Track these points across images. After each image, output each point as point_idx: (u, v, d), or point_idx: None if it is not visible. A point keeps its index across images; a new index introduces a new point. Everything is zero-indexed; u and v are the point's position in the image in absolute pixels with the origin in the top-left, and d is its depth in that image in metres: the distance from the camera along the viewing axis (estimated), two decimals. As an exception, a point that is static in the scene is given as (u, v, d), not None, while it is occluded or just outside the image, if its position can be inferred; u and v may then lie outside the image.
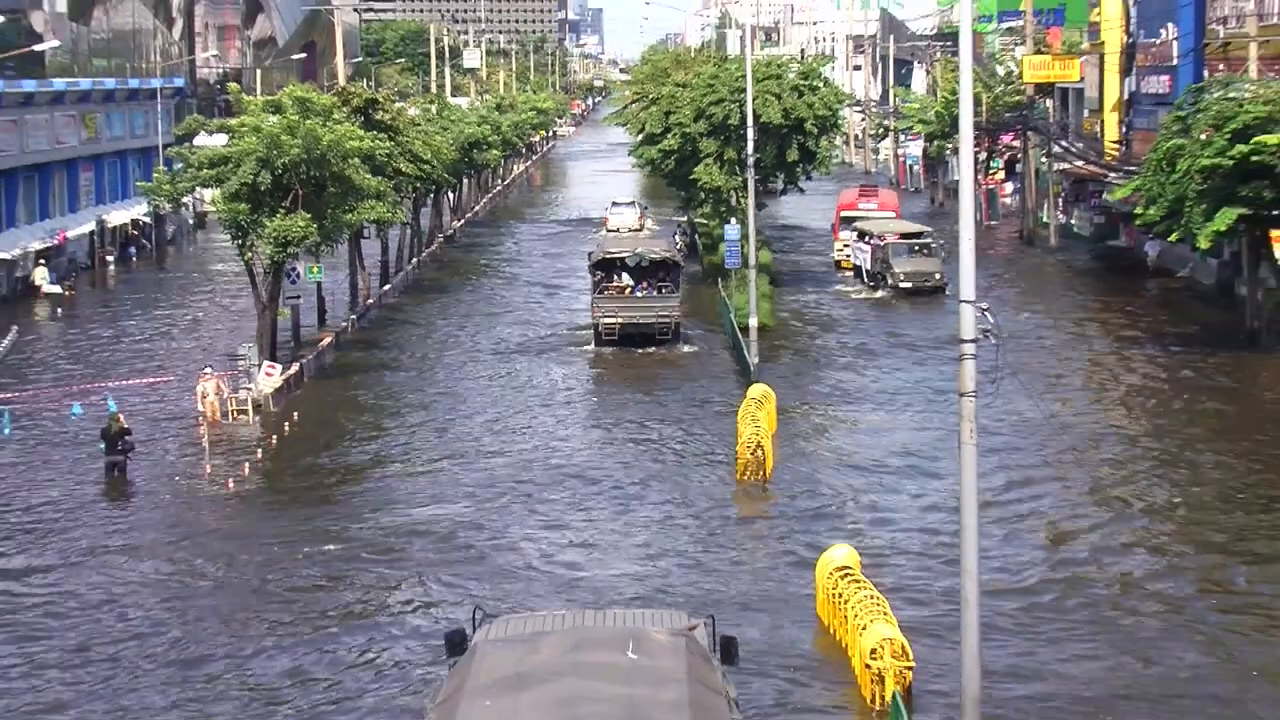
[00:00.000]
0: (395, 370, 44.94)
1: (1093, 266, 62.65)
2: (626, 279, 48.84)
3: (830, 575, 23.66)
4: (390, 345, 48.58)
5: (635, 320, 47.45)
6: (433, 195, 68.11)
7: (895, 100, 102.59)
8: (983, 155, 77.41)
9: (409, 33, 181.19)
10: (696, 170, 57.08)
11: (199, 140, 48.29)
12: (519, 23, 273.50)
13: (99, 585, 26.82)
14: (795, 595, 24.99)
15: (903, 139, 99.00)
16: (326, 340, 46.89)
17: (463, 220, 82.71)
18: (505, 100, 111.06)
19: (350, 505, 31.62)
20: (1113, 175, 59.78)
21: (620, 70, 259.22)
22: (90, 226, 68.94)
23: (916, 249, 54.97)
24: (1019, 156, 76.13)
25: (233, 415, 37.90)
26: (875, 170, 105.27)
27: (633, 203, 77.03)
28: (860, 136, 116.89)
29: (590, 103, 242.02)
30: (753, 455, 31.96)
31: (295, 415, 38.26)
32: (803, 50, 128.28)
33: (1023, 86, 73.64)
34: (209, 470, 33.59)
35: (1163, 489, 31.82)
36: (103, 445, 33.34)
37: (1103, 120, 69.04)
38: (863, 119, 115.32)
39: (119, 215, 71.93)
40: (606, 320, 47.55)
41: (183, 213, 72.74)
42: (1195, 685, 21.58)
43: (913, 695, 20.23)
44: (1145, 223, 45.73)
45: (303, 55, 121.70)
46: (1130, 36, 66.67)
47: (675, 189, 63.89)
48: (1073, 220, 69.73)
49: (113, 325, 54.27)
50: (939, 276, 53.81)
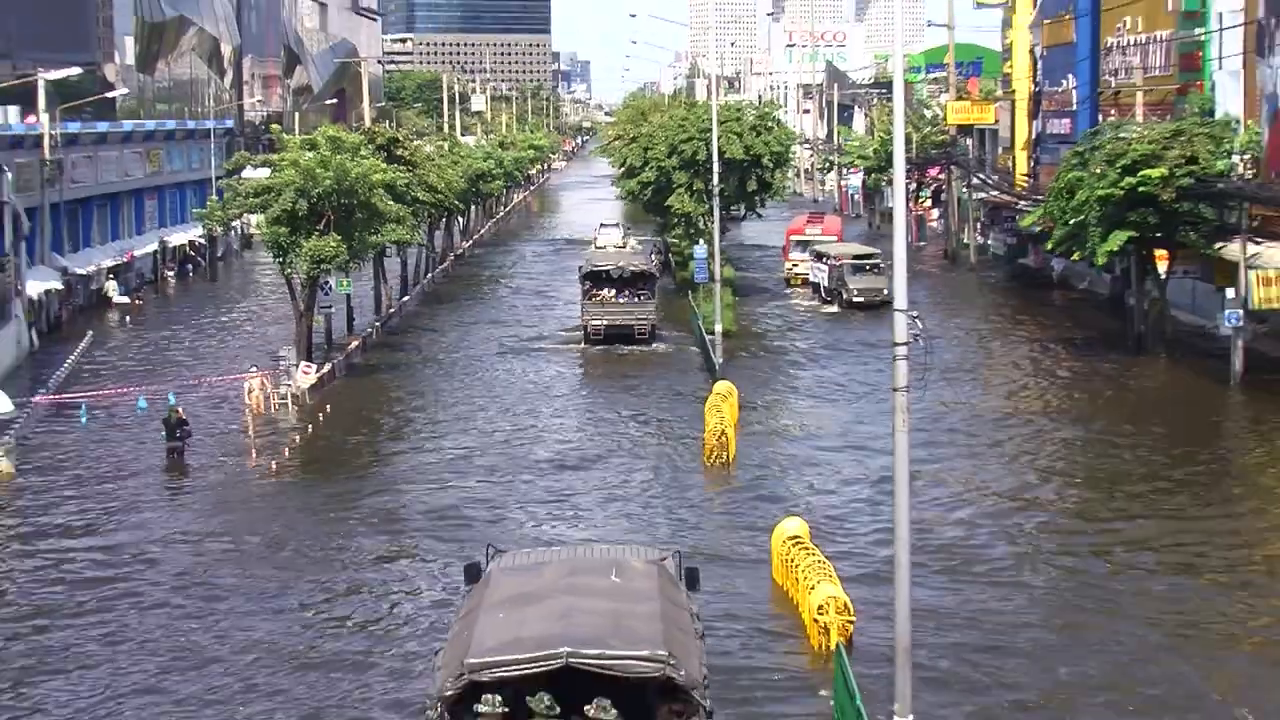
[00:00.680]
0: (413, 368, 44.94)
1: (1006, 281, 62.54)
2: (610, 289, 49.07)
3: (783, 543, 23.73)
4: (409, 347, 48.57)
5: (617, 323, 47.78)
6: (445, 219, 68.05)
7: (839, 139, 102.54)
8: (913, 186, 77.41)
9: (425, 81, 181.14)
10: (670, 199, 57.23)
11: (246, 173, 48.24)
12: (518, 72, 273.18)
13: (157, 550, 26.89)
14: (754, 560, 25.01)
15: (845, 172, 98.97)
16: (355, 343, 46.90)
17: (471, 241, 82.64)
18: (507, 139, 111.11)
19: (376, 481, 31.71)
20: (1023, 203, 59.67)
21: (605, 113, 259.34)
22: (154, 246, 68.85)
23: (868, 268, 54.80)
24: (944, 187, 76.25)
25: (275, 407, 37.90)
26: (822, 199, 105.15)
27: (618, 224, 77.04)
28: (809, 170, 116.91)
29: (579, 141, 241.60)
30: (718, 441, 31.95)
31: (328, 407, 38.23)
32: (760, 96, 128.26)
33: (947, 127, 73.79)
34: (254, 454, 33.56)
35: (1062, 463, 32.27)
36: (164, 433, 33.31)
37: (1014, 156, 69.30)
38: (811, 155, 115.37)
39: (178, 237, 71.86)
40: (594, 323, 47.92)
41: (232, 235, 72.86)
42: (1085, 633, 21.73)
43: (853, 644, 20.24)
44: (1052, 244, 45.99)
45: (334, 101, 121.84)
46: (1037, 86, 67.02)
47: (652, 214, 63.93)
48: (989, 241, 69.74)
49: (172, 330, 54.08)
50: (886, 292, 52.85)
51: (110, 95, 73.37)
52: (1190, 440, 33.82)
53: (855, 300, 53.45)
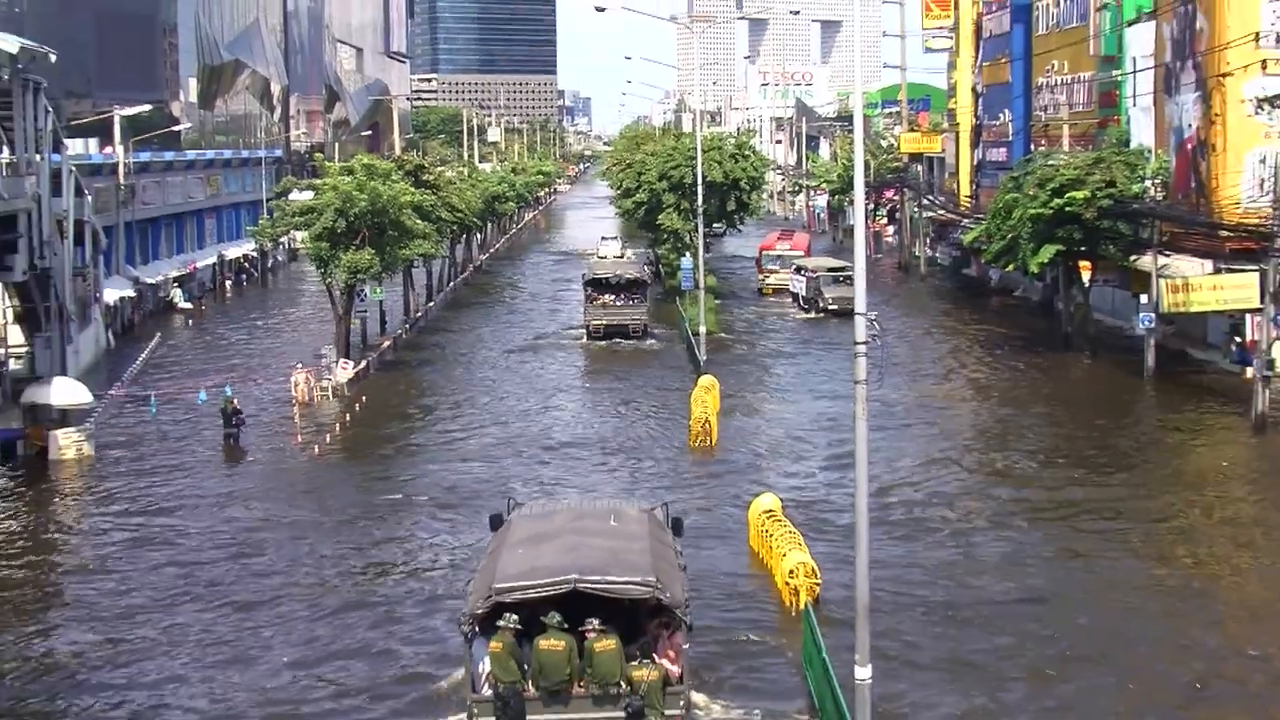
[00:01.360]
0: (438, 364, 44.88)
1: (951, 288, 62.64)
2: (609, 294, 49.24)
3: (759, 516, 23.74)
4: (434, 346, 48.52)
5: (615, 323, 48.06)
6: (465, 235, 68.02)
7: (807, 165, 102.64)
8: (871, 206, 77.54)
9: (447, 116, 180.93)
10: (660, 217, 57.10)
11: (292, 195, 48.13)
12: (529, 108, 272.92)
13: (217, 521, 26.97)
14: (733, 531, 25.01)
15: (812, 194, 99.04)
16: (386, 343, 46.85)
17: (487, 254, 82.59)
18: (519, 165, 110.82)
19: (406, 460, 31.77)
20: (966, 221, 59.83)
21: (604, 143, 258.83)
22: (213, 259, 68.92)
23: (841, 279, 54.06)
24: (898, 207, 76.41)
25: (317, 398, 37.88)
26: (792, 217, 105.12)
27: (616, 238, 77.06)
28: (781, 192, 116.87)
29: (582, 167, 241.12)
30: (701, 428, 31.95)
31: (364, 398, 38.25)
32: (738, 128, 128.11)
33: (900, 155, 73.97)
34: (299, 439, 33.55)
35: (998, 442, 32.39)
36: (221, 421, 33.40)
37: (958, 180, 69.31)
38: (783, 179, 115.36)
39: (234, 250, 71.81)
40: (594, 322, 48.26)
41: (280, 249, 72.82)
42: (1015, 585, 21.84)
43: (820, 603, 20.26)
44: (990, 256, 46.08)
45: (369, 132, 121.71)
46: (978, 119, 67.01)
47: (645, 230, 63.86)
48: (937, 254, 69.85)
49: (229, 332, 54.12)
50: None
51: (176, 129, 73.46)
52: (1109, 424, 33.96)
53: (830, 308, 53.11)
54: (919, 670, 18.71)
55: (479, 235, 78.07)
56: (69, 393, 33.44)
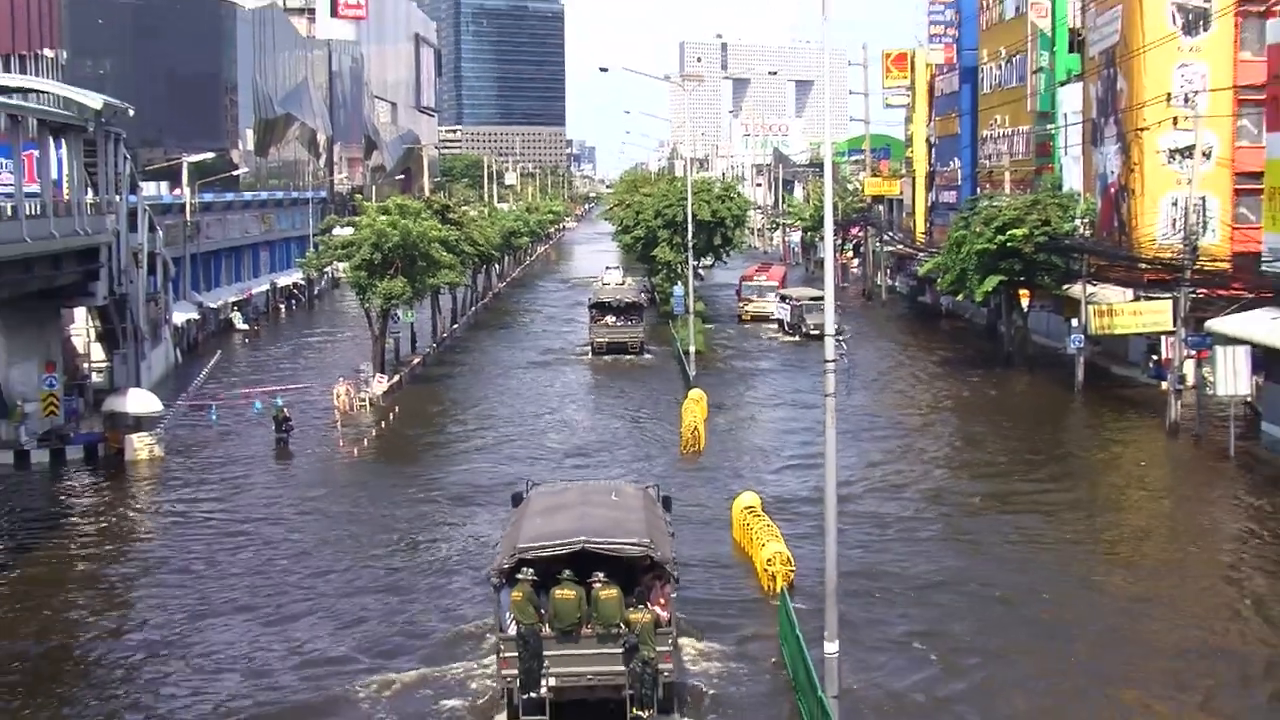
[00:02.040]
0: (462, 378, 44.85)
1: (909, 313, 62.68)
2: (611, 315, 49.35)
3: (741, 511, 23.74)
4: (458, 362, 48.48)
5: (616, 340, 48.27)
6: (485, 266, 68.07)
7: (783, 205, 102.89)
8: (839, 241, 77.69)
9: (470, 162, 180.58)
10: (656, 250, 57.26)
11: (335, 231, 48.31)
12: (541, 155, 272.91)
13: (270, 511, 27.13)
14: (718, 523, 24.99)
15: (787, 230, 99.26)
16: (417, 359, 46.86)
17: (505, 282, 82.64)
18: (532, 205, 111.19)
19: (433, 461, 31.81)
20: (921, 254, 60.04)
21: (606, 186, 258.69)
22: (266, 286, 68.97)
23: (821, 307, 53.01)
24: (862, 242, 76.55)
25: (356, 408, 37.88)
26: (770, 250, 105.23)
27: (618, 268, 77.15)
28: (761, 228, 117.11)
29: (587, 207, 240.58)
30: (691, 434, 31.92)
31: (397, 408, 38.20)
32: (724, 173, 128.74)
33: (864, 197, 74.16)
34: (341, 443, 33.64)
35: (949, 448, 32.44)
36: (273, 427, 33.52)
37: (915, 219, 69.55)
38: (762, 217, 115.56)
39: (284, 279, 71.82)
40: (598, 339, 48.49)
41: (324, 278, 72.77)
42: (961, 575, 21.93)
43: (794, 587, 20.28)
44: (942, 285, 46.16)
45: (402, 176, 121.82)
46: (931, 166, 67.36)
47: (642, 262, 63.99)
48: (896, 283, 70.00)
49: (280, 350, 54.12)
50: (839, 327, 50.70)
51: (235, 173, 73.47)
52: (1044, 430, 34.09)
53: (811, 333, 52.63)
54: (880, 644, 18.73)
55: (498, 266, 78.15)
56: (142, 402, 33.60)
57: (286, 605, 21.12)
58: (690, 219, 46.67)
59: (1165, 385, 34.57)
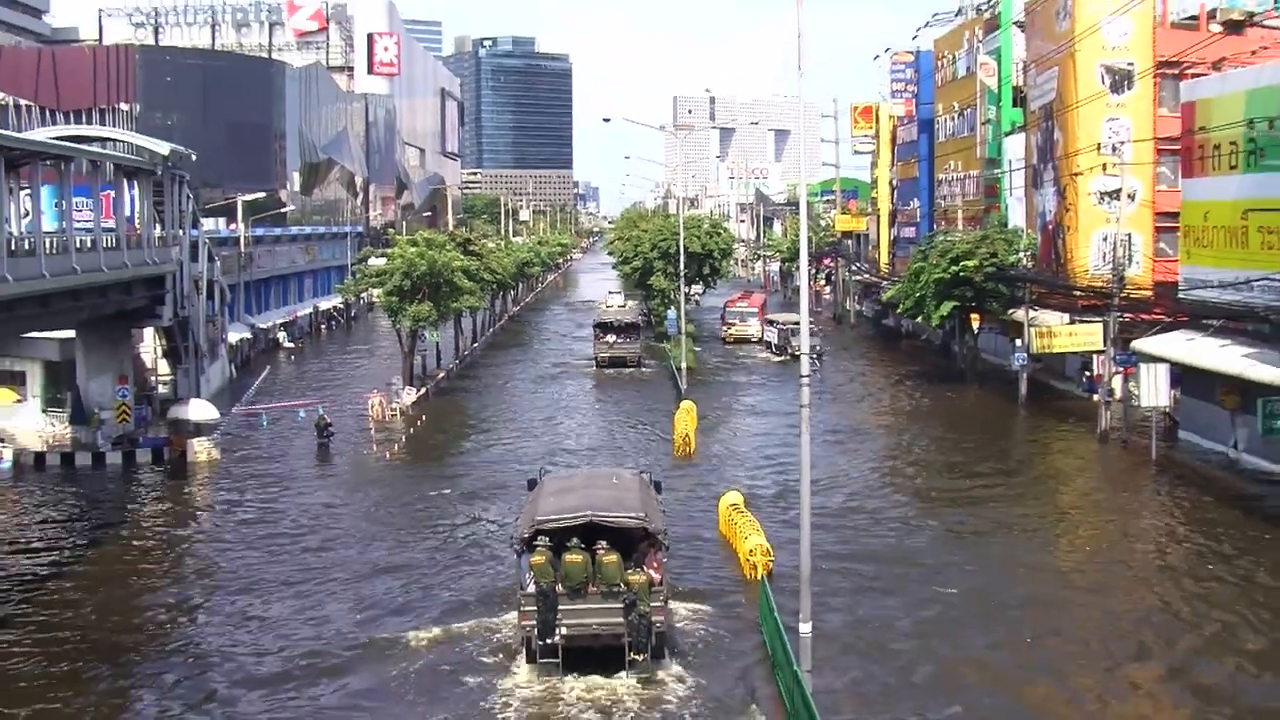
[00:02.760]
0: (481, 391, 44.82)
1: (874, 335, 62.60)
2: (612, 334, 49.51)
3: (726, 508, 23.76)
4: (478, 377, 48.45)
5: (617, 355, 48.58)
6: (502, 292, 68.09)
7: (764, 239, 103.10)
8: (813, 270, 77.75)
9: (489, 201, 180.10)
10: (652, 278, 57.44)
11: (370, 261, 48.43)
12: (551, 195, 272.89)
13: (313, 503, 27.28)
14: (707, 519, 25.00)
15: (767, 261, 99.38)
16: (441, 374, 46.78)
17: (519, 306, 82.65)
18: (543, 238, 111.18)
19: (457, 463, 31.86)
20: (885, 282, 60.18)
21: (608, 221, 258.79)
22: (310, 309, 68.90)
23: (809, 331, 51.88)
24: (833, 271, 76.69)
25: (388, 416, 37.86)
26: (753, 279, 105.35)
27: (619, 293, 77.28)
28: (745, 259, 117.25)
29: (591, 240, 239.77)
30: (683, 441, 31.99)
31: (424, 417, 38.23)
32: (711, 211, 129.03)
33: (835, 232, 74.28)
34: (375, 446, 33.70)
35: (909, 453, 32.42)
36: (315, 432, 33.63)
37: (879, 251, 69.70)
38: (745, 250, 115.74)
39: (325, 303, 71.73)
40: (601, 354, 48.82)
41: (360, 302, 73.02)
42: (931, 569, 22.09)
43: (773, 576, 20.30)
44: (903, 309, 46.30)
45: (429, 213, 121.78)
46: (893, 205, 67.48)
47: (639, 288, 64.19)
48: (863, 308, 70.00)
49: (321, 365, 54.12)
50: (820, 348, 49.99)
51: (283, 210, 73.73)
52: (992, 436, 34.24)
53: (797, 354, 52.02)
54: (849, 626, 18.89)
55: (513, 292, 78.35)
56: (202, 411, 33.83)
57: (334, 578, 21.50)
58: (682, 251, 46.94)
59: (1097, 397, 34.81)
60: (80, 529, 25.62)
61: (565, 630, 16.39)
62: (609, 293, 76.87)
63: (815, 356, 49.53)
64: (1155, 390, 29.29)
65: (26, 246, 26.35)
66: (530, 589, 16.57)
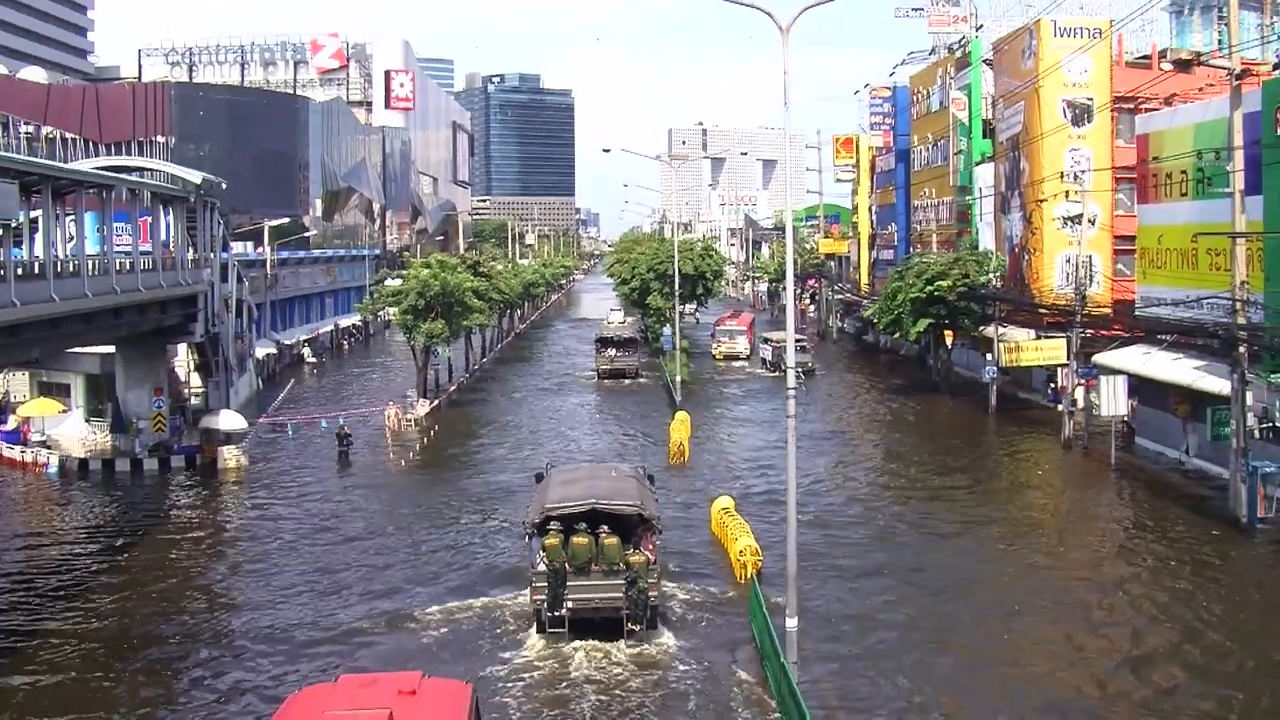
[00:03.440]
0: (490, 402, 44.76)
1: (855, 350, 62.51)
2: (612, 349, 49.71)
3: (718, 511, 23.67)
4: (487, 389, 48.40)
5: (617, 368, 48.68)
6: (509, 310, 68.20)
7: (752, 261, 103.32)
8: (798, 290, 77.89)
9: (497, 225, 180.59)
10: (648, 298, 57.50)
11: (387, 282, 48.57)
12: (554, 220, 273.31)
13: (336, 504, 27.36)
14: (699, 521, 24.98)
15: (756, 282, 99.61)
16: (453, 387, 46.76)
17: (525, 323, 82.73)
18: (547, 261, 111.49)
19: (467, 470, 31.83)
20: (865, 301, 60.27)
21: (608, 245, 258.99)
22: (331, 326, 68.99)
23: (800, 348, 51.30)
24: (817, 291, 76.99)
25: (404, 426, 37.90)
26: (743, 299, 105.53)
27: (620, 310, 77.37)
28: (735, 280, 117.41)
29: (592, 262, 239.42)
30: (678, 448, 31.93)
31: (437, 426, 38.20)
32: (704, 235, 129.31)
33: (819, 254, 74.58)
34: (392, 454, 33.76)
35: (886, 457, 32.45)
36: (336, 441, 33.62)
37: (860, 272, 69.91)
38: (735, 271, 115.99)
39: (346, 321, 71.87)
40: (602, 367, 49.00)
41: (378, 320, 73.22)
42: (897, 563, 22.23)
43: (762, 575, 20.28)
44: (882, 326, 46.33)
45: (442, 237, 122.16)
46: (873, 230, 67.71)
47: (637, 307, 64.28)
48: (845, 325, 70.06)
49: (342, 379, 54.08)
50: (810, 364, 49.87)
51: (306, 235, 73.97)
52: (964, 444, 34.22)
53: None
54: (833, 618, 18.94)
55: (519, 310, 78.55)
56: (231, 420, 33.92)
57: (356, 568, 21.87)
58: (677, 273, 47.11)
59: (1061, 407, 34.96)
60: (123, 527, 25.82)
61: (571, 604, 17.27)
62: (610, 310, 76.97)
63: (805, 372, 49.34)
64: (1114, 400, 29.50)
65: (71, 268, 26.62)
66: (541, 568, 17.44)
